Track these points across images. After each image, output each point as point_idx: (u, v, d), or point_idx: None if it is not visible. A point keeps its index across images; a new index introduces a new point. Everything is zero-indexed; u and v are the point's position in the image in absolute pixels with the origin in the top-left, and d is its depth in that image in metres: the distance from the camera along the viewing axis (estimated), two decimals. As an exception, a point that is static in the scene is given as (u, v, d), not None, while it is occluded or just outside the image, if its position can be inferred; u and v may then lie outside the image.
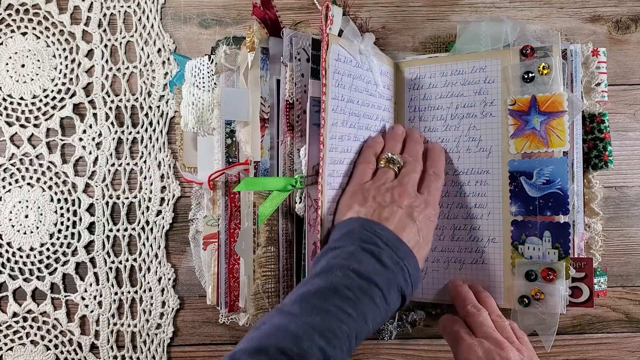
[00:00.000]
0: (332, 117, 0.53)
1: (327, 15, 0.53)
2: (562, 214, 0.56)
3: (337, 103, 0.54)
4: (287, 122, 0.56)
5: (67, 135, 0.69)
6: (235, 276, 0.61)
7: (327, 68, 0.52)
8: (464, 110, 0.61)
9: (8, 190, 0.68)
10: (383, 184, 0.54)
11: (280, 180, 0.55)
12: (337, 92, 0.54)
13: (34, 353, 0.68)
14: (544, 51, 0.57)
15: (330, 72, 0.53)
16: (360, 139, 0.58)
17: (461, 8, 0.69)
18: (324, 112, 0.52)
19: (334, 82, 0.53)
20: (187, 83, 0.64)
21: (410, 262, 0.49)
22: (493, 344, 0.49)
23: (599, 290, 0.63)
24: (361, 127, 0.58)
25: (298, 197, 0.56)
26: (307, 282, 0.46)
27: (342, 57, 0.55)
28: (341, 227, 0.52)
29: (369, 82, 0.58)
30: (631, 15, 0.69)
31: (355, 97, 0.57)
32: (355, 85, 0.56)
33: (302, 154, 0.55)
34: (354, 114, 0.57)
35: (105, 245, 0.68)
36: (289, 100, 0.56)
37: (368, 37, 0.58)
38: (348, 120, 0.56)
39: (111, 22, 0.70)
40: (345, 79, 0.55)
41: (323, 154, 0.52)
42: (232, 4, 0.69)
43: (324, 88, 0.52)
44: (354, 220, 0.51)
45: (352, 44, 0.56)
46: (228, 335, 0.69)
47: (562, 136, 0.56)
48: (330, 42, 0.53)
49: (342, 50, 0.55)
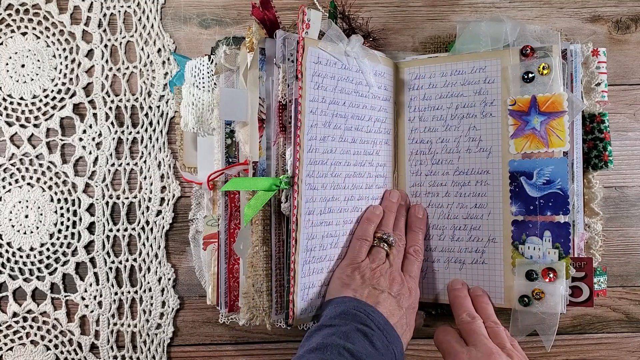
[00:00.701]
0: (311, 118, 0.55)
1: (302, 19, 0.54)
2: (562, 213, 0.56)
3: (316, 105, 0.56)
4: (280, 123, 0.57)
5: (67, 135, 0.69)
6: (235, 276, 0.61)
7: (303, 71, 0.54)
8: (464, 111, 0.61)
9: (8, 190, 0.68)
10: (377, 267, 0.57)
11: (266, 180, 0.56)
12: (317, 94, 0.56)
13: (34, 353, 0.68)
14: (543, 51, 0.57)
15: (308, 74, 0.54)
16: (348, 139, 0.58)
17: (461, 8, 0.69)
18: (300, 114, 0.54)
19: (312, 85, 0.55)
20: (187, 83, 0.64)
21: (397, 347, 0.51)
22: (482, 352, 0.50)
23: (598, 289, 0.63)
24: (349, 127, 0.59)
25: (284, 197, 0.56)
26: (301, 357, 0.47)
27: (324, 59, 0.56)
28: (337, 304, 0.54)
29: (359, 84, 0.59)
30: (631, 15, 0.68)
31: (341, 99, 0.58)
32: (341, 86, 0.58)
33: (287, 154, 0.55)
34: (339, 115, 0.58)
35: (105, 245, 0.68)
36: (281, 102, 0.56)
37: (355, 39, 0.59)
38: (331, 122, 0.57)
39: (111, 22, 0.70)
40: (327, 81, 0.56)
41: (300, 155, 0.54)
42: (232, 4, 0.69)
43: (300, 91, 0.54)
44: (350, 301, 0.53)
45: (336, 46, 0.57)
46: (228, 335, 0.69)
47: (562, 136, 0.56)
48: (307, 45, 0.54)
49: (323, 53, 0.56)
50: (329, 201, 0.57)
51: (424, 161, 0.63)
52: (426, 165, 0.63)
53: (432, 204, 0.63)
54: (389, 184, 0.64)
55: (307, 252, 0.55)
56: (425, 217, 0.63)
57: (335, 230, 0.58)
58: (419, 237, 0.61)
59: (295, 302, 0.55)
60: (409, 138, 0.64)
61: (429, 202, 0.63)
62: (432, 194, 0.63)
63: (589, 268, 0.58)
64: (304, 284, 0.55)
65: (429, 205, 0.63)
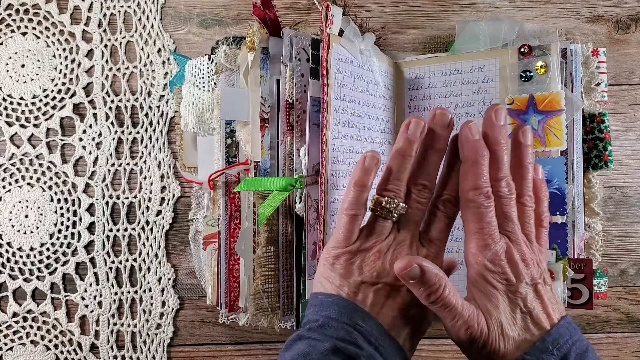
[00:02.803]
0: (335, 117, 0.53)
1: (327, 15, 0.53)
2: (559, 214, 0.55)
3: (339, 103, 0.54)
4: (287, 122, 0.56)
5: (67, 135, 0.69)
6: (235, 276, 0.61)
7: (328, 68, 0.52)
8: (462, 110, 0.61)
9: (8, 190, 0.68)
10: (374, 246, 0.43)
11: (281, 180, 0.55)
12: (339, 92, 0.54)
13: (34, 353, 0.68)
14: (541, 50, 0.57)
15: (332, 72, 0.53)
16: (362, 138, 0.58)
17: (461, 8, 0.69)
18: (326, 112, 0.52)
19: (335, 82, 0.53)
20: (187, 83, 0.64)
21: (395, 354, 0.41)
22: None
23: (599, 292, 0.62)
24: (363, 127, 0.58)
25: (298, 197, 0.56)
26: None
27: (344, 57, 0.55)
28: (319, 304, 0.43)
29: (369, 82, 0.59)
30: (631, 15, 0.69)
31: (357, 97, 0.57)
32: (357, 85, 0.56)
33: (302, 153, 0.55)
34: (356, 114, 0.57)
35: (105, 245, 0.68)
36: (288, 100, 0.56)
37: (369, 37, 0.58)
38: (350, 120, 0.56)
39: (111, 22, 0.70)
40: (347, 79, 0.55)
41: (326, 154, 0.52)
42: (232, 4, 0.69)
43: (325, 88, 0.52)
44: (335, 302, 0.42)
45: (353, 44, 0.56)
46: (228, 335, 0.69)
47: (559, 135, 0.56)
48: (332, 42, 0.53)
49: (344, 50, 0.55)
50: None
51: (424, 161, 0.63)
52: (426, 165, 0.63)
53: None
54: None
55: None
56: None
57: None
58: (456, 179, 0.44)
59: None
60: (409, 138, 0.64)
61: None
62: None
63: (589, 270, 0.58)
64: None
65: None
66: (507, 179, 0.43)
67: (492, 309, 0.42)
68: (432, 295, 0.41)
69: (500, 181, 0.43)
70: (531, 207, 0.45)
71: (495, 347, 0.41)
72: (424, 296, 0.41)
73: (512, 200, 0.43)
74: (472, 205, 0.42)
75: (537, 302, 0.42)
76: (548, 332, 0.41)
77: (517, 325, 0.41)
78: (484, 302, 0.42)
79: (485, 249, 0.42)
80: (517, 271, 0.42)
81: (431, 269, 0.41)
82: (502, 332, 0.41)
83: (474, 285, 0.43)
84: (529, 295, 0.42)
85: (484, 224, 0.42)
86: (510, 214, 0.43)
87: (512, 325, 0.41)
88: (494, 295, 0.42)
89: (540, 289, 0.43)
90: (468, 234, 0.43)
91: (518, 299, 0.42)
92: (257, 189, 0.57)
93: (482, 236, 0.42)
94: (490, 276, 0.42)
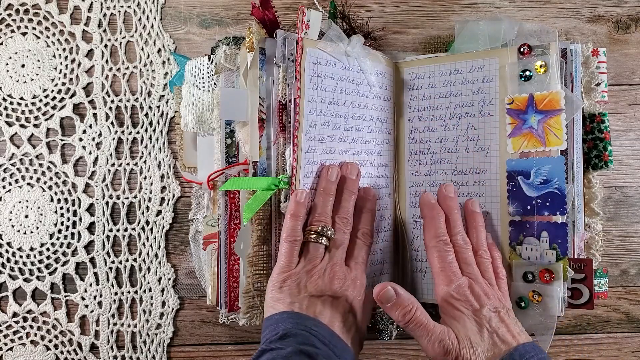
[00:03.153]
0: (309, 119, 0.55)
1: (302, 20, 0.54)
2: (559, 214, 0.55)
3: (315, 105, 0.56)
4: (280, 123, 0.57)
5: (67, 135, 0.69)
6: (235, 276, 0.61)
7: (302, 72, 0.54)
8: (462, 110, 0.61)
9: (8, 190, 0.68)
10: (314, 268, 0.51)
11: (265, 180, 0.56)
12: (316, 95, 0.56)
13: (34, 353, 0.68)
14: (541, 49, 0.57)
15: (307, 75, 0.55)
16: (348, 139, 0.59)
17: (461, 8, 0.69)
18: (299, 114, 0.54)
19: (311, 85, 0.55)
20: (187, 83, 0.64)
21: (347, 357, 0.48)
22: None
23: (599, 292, 0.62)
24: (349, 128, 0.59)
25: (283, 197, 0.56)
26: None
27: (323, 60, 0.56)
28: (275, 323, 0.49)
29: (359, 84, 0.59)
30: (631, 15, 0.68)
31: (341, 99, 0.58)
32: (341, 87, 0.58)
33: (287, 154, 0.56)
34: (339, 116, 0.58)
35: (105, 245, 0.68)
36: (281, 101, 0.56)
37: (355, 39, 0.59)
38: (330, 122, 0.57)
39: (111, 22, 0.70)
40: (327, 81, 0.56)
41: (297, 156, 0.54)
42: (232, 4, 0.69)
43: (298, 91, 0.54)
44: (288, 317, 0.48)
45: (336, 46, 0.57)
46: (228, 335, 0.69)
47: (559, 135, 0.56)
48: (306, 46, 0.54)
49: (323, 53, 0.56)
50: None
51: (423, 161, 0.63)
52: (425, 165, 0.63)
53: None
54: (391, 184, 0.64)
55: None
56: (375, 198, 0.58)
57: None
58: (369, 219, 0.56)
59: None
60: (408, 138, 0.64)
61: (429, 202, 0.63)
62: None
63: (589, 270, 0.58)
64: None
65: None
66: (462, 234, 0.55)
67: (460, 327, 0.50)
68: (407, 315, 0.49)
69: (456, 235, 0.55)
70: (488, 260, 0.55)
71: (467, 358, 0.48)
72: (399, 316, 0.50)
73: (469, 250, 0.55)
74: (434, 250, 0.54)
75: (501, 325, 0.50)
76: (515, 347, 0.48)
77: (485, 341, 0.49)
78: (453, 323, 0.51)
79: (450, 283, 0.52)
80: (480, 300, 0.51)
81: (404, 293, 0.50)
82: (471, 345, 0.48)
83: (445, 314, 0.52)
84: (493, 319, 0.50)
85: (445, 264, 0.53)
86: (468, 259, 0.54)
87: (480, 341, 0.49)
88: (461, 317, 0.50)
89: (503, 316, 0.50)
90: (435, 275, 0.54)
91: (483, 321, 0.50)
92: (242, 189, 0.58)
93: (446, 273, 0.53)
94: (456, 303, 0.51)
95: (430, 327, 0.49)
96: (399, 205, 0.65)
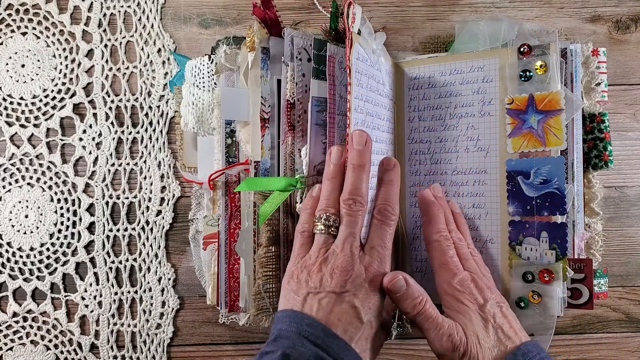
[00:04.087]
0: (355, 117, 0.52)
1: (349, 13, 0.51)
2: (559, 214, 0.55)
3: (358, 102, 0.53)
4: (288, 122, 0.56)
5: (67, 135, 0.69)
6: (235, 276, 0.61)
7: (351, 67, 0.51)
8: (462, 110, 0.61)
9: (8, 190, 0.68)
10: (316, 260, 0.48)
11: (282, 180, 0.55)
12: (359, 92, 0.53)
13: (34, 353, 0.68)
14: (541, 49, 0.57)
15: (353, 71, 0.51)
16: (373, 139, 0.57)
17: (461, 8, 0.69)
18: (349, 111, 0.50)
19: (355, 82, 0.52)
20: (187, 83, 0.64)
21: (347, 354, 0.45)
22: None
23: (599, 292, 0.62)
24: (374, 127, 0.57)
25: (299, 197, 0.56)
26: None
27: (361, 56, 0.54)
28: (275, 322, 0.48)
29: (379, 82, 0.58)
30: (631, 15, 0.69)
31: (371, 97, 0.56)
32: (370, 85, 0.56)
33: (303, 154, 0.55)
34: (370, 114, 0.56)
35: (105, 245, 0.68)
36: (290, 100, 0.56)
37: (380, 36, 0.57)
38: (365, 120, 0.55)
39: (111, 22, 0.70)
40: (363, 78, 0.54)
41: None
42: (232, 4, 0.69)
43: (349, 87, 0.51)
44: (285, 315, 0.47)
45: (367, 43, 0.55)
46: (228, 335, 0.69)
47: (559, 135, 0.56)
48: (354, 40, 0.51)
49: (361, 49, 0.54)
50: None
51: (423, 161, 0.63)
52: (425, 165, 0.63)
53: (432, 204, 0.63)
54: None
55: None
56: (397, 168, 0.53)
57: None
58: (387, 192, 0.51)
59: None
60: (408, 138, 0.64)
61: (429, 202, 0.63)
62: (432, 194, 0.63)
63: (589, 270, 0.57)
64: None
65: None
66: (456, 231, 0.56)
67: (467, 322, 0.49)
68: (416, 307, 0.49)
69: (452, 232, 0.56)
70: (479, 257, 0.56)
71: (474, 354, 0.47)
72: (409, 308, 0.49)
73: (465, 246, 0.55)
74: (436, 245, 0.54)
75: (504, 320, 0.50)
76: (518, 347, 0.48)
77: (490, 337, 0.48)
78: (460, 317, 0.50)
79: (453, 276, 0.52)
80: (484, 294, 0.51)
81: (415, 284, 0.49)
82: (478, 342, 0.48)
83: (449, 308, 0.52)
84: (497, 314, 0.50)
85: (447, 257, 0.53)
86: (466, 255, 0.54)
87: (486, 338, 0.48)
88: (467, 312, 0.50)
89: (505, 311, 0.51)
90: (436, 269, 0.54)
91: (488, 316, 0.50)
92: (258, 190, 0.56)
93: (449, 267, 0.52)
94: (461, 296, 0.51)
95: (439, 320, 0.49)
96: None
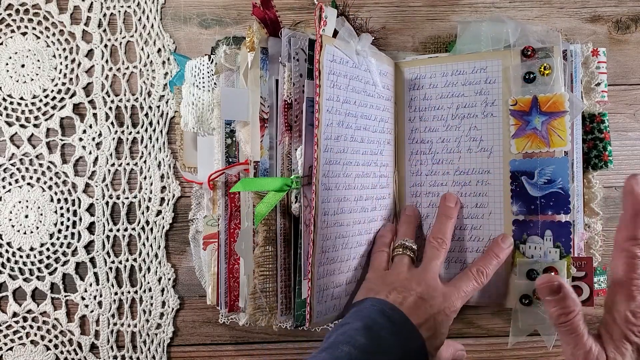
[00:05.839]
0: (327, 117, 0.54)
1: (320, 17, 0.53)
2: (563, 213, 0.56)
3: (332, 104, 0.54)
4: (285, 122, 0.56)
5: (67, 135, 0.69)
6: (235, 276, 0.61)
7: (320, 69, 0.53)
8: (464, 111, 0.61)
9: (8, 190, 0.68)
10: (401, 271, 0.56)
11: (277, 180, 0.55)
12: (332, 93, 0.55)
13: (34, 353, 0.68)
14: (545, 52, 0.57)
15: (325, 73, 0.53)
16: (357, 139, 0.58)
17: (461, 8, 0.69)
18: (318, 113, 0.53)
19: (328, 83, 0.54)
20: (187, 83, 0.64)
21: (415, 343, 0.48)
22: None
23: (599, 289, 0.63)
24: (359, 127, 0.58)
25: (294, 197, 0.56)
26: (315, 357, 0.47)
27: (338, 58, 0.55)
28: (355, 305, 0.54)
29: (367, 83, 0.59)
30: (631, 15, 0.69)
31: (352, 98, 0.57)
32: (352, 86, 0.57)
33: (298, 154, 0.55)
34: (351, 115, 0.57)
35: (105, 245, 0.68)
36: (287, 101, 0.56)
37: (365, 37, 0.58)
38: (344, 121, 0.56)
39: (111, 22, 0.70)
40: (341, 79, 0.55)
41: (318, 155, 0.53)
42: (232, 4, 0.69)
43: (317, 89, 0.53)
44: (368, 300, 0.53)
45: (348, 44, 0.56)
46: (228, 335, 0.69)
47: (563, 136, 0.56)
48: (324, 43, 0.53)
49: (338, 51, 0.55)
50: (341, 201, 0.57)
51: (425, 161, 0.63)
52: (426, 165, 0.63)
53: (432, 204, 0.63)
54: (391, 184, 0.64)
55: (322, 253, 0.55)
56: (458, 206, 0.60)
57: (347, 231, 0.57)
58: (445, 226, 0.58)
59: (312, 305, 0.54)
60: (409, 138, 0.64)
61: (429, 202, 0.63)
62: (432, 194, 0.63)
63: (589, 267, 0.58)
64: (319, 286, 0.55)
65: (429, 205, 0.63)
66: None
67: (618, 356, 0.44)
68: (563, 316, 0.46)
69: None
70: None
71: None
72: (556, 315, 0.46)
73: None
74: (625, 255, 0.45)
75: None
76: None
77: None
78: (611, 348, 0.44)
79: (631, 299, 0.44)
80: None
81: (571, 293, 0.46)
82: None
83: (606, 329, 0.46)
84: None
85: (634, 274, 0.45)
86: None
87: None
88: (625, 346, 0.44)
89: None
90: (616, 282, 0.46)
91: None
92: (254, 190, 0.57)
93: (630, 286, 0.45)
94: (626, 327, 0.44)
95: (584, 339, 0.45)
96: (399, 205, 0.65)
